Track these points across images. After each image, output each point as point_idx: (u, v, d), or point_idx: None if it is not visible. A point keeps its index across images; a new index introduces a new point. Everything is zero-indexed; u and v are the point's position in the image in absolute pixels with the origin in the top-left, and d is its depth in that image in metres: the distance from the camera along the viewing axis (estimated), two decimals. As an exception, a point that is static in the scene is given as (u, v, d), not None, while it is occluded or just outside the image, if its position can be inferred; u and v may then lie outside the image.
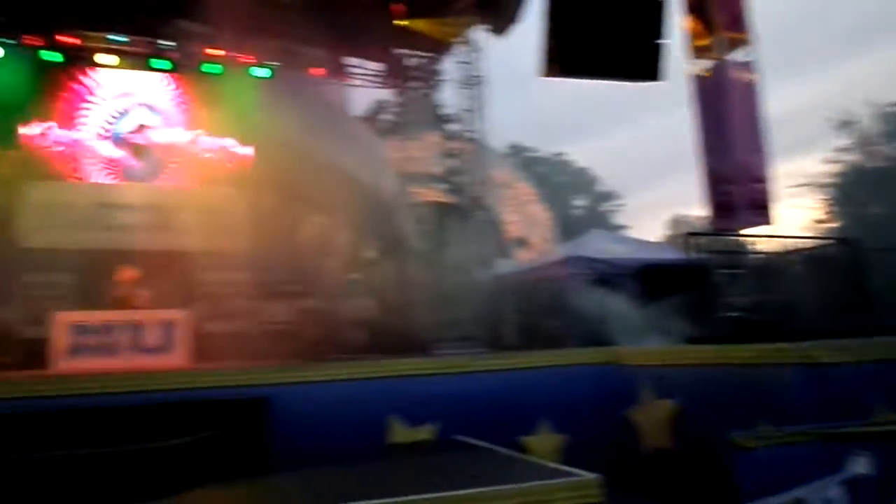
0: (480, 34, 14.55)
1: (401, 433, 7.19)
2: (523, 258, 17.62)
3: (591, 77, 11.65)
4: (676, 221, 37.00)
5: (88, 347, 10.89)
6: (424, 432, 7.30)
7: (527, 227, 20.42)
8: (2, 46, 13.70)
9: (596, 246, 13.19)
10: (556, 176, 34.21)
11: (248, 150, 15.34)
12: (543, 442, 7.68)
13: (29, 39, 14.09)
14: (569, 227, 23.92)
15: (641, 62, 11.31)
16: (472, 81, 14.58)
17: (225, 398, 7.08)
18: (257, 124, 15.39)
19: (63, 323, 11.05)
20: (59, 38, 14.10)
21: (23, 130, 14.25)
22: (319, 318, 13.28)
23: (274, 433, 6.83)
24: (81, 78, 14.75)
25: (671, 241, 28.06)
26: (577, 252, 12.98)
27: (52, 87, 14.53)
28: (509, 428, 7.47)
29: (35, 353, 11.93)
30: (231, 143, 15.36)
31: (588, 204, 37.79)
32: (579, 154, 39.61)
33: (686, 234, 14.01)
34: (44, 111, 14.52)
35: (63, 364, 10.69)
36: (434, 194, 16.34)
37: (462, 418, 7.50)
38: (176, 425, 6.57)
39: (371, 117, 19.23)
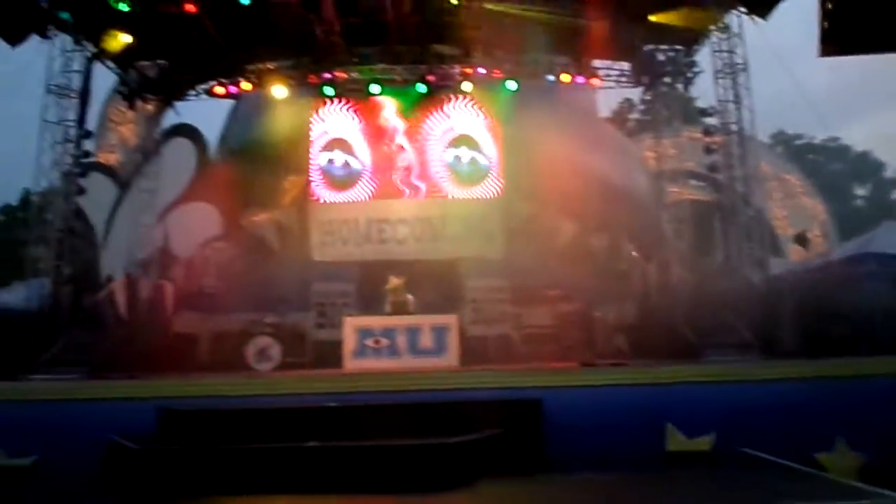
0: (737, 18, 13.62)
1: (678, 442, 6.96)
2: (798, 257, 16.04)
3: (872, 52, 10.31)
4: None
5: (371, 349, 12.12)
6: (702, 442, 7.00)
7: (800, 222, 18.55)
8: (285, 87, 15.71)
9: (891, 240, 11.54)
10: (831, 164, 30.55)
11: (504, 161, 15.88)
12: (840, 460, 6.93)
13: (312, 78, 16.03)
14: (850, 221, 21.24)
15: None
16: (731, 70, 13.67)
17: (501, 399, 7.44)
18: (511, 135, 15.95)
19: (351, 327, 12.41)
20: (335, 74, 15.86)
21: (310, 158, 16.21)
22: (580, 322, 13.33)
23: (547, 434, 7.02)
24: (353, 108, 16.41)
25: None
26: (869, 248, 11.46)
27: (331, 117, 16.37)
28: (798, 442, 6.86)
29: (325, 353, 13.61)
30: (489, 155, 16.02)
31: (871, 193, 33.22)
32: (857, 137, 35.06)
33: None
34: (322, 140, 16.42)
35: (351, 364, 12.04)
36: (694, 192, 15.57)
37: (742, 429, 7.06)
38: (454, 423, 7.03)
39: (621, 117, 18.87)
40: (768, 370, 7.98)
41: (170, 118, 17.59)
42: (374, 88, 15.75)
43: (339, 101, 16.40)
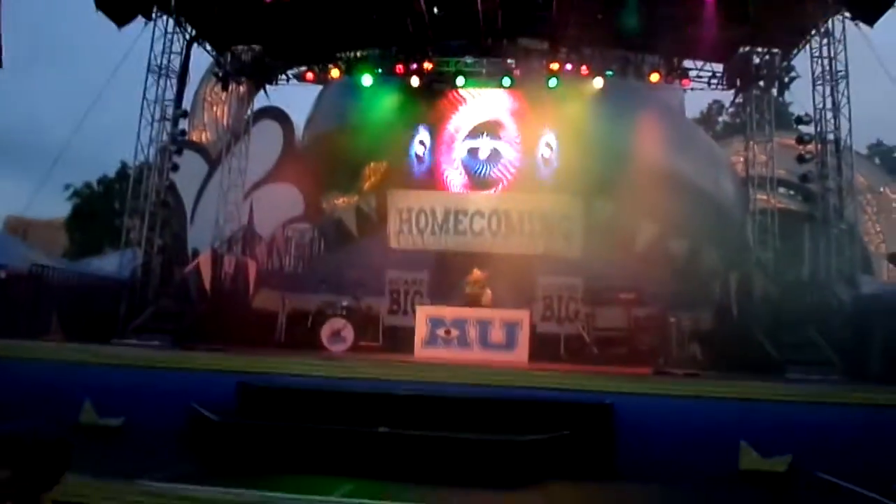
0: (841, 24, 13.00)
1: (752, 460, 6.77)
2: (891, 277, 15.25)
3: None
4: None
5: (442, 339, 12.25)
6: (778, 463, 6.79)
7: (895, 239, 17.61)
8: (372, 75, 15.95)
9: None
10: (931, 178, 28.89)
11: (586, 159, 15.64)
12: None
13: (399, 68, 16.20)
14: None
15: None
16: (831, 77, 13.06)
17: (572, 401, 7.41)
18: (594, 134, 15.72)
19: (423, 315, 12.57)
20: (422, 64, 15.99)
21: (394, 145, 16.41)
22: (654, 327, 13.08)
23: (618, 440, 6.97)
24: (439, 99, 16.51)
25: None
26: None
27: (414, 108, 16.52)
28: (880, 472, 6.54)
29: (397, 338, 13.85)
30: (570, 153, 15.84)
31: (976, 210, 31.17)
32: (963, 150, 32.69)
33: None
34: (409, 128, 16.62)
35: (422, 351, 12.21)
36: (783, 201, 15.00)
37: (821, 453, 6.82)
38: (523, 421, 7.06)
39: (709, 119, 18.30)
40: (853, 394, 7.66)
41: (260, 100, 18.18)
42: (460, 80, 15.79)
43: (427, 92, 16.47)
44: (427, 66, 15.95)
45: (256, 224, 16.74)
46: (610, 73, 15.48)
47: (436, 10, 14.24)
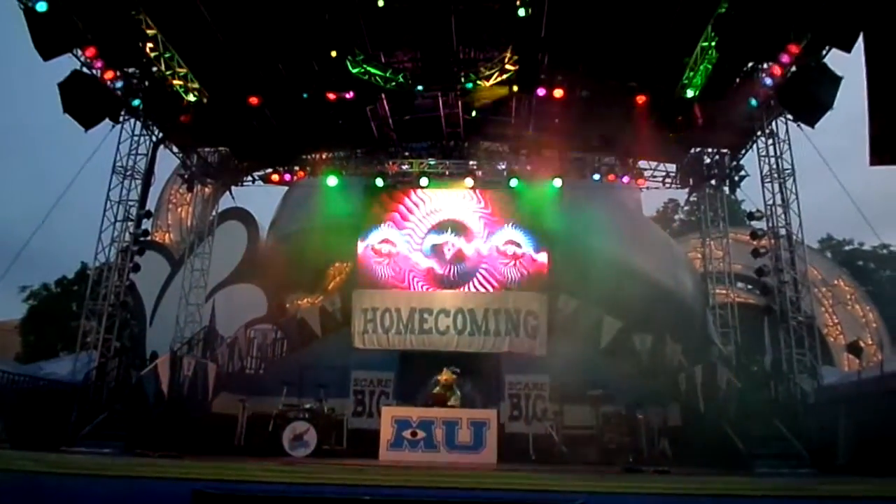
0: (784, 125, 13.74)
1: (727, 559, 6.59)
2: (852, 367, 15.46)
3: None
4: None
5: (408, 441, 11.94)
6: (753, 561, 6.60)
7: (853, 330, 18.00)
8: (337, 176, 16.20)
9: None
10: (881, 271, 29.85)
11: (547, 258, 15.87)
12: None
13: (364, 169, 16.53)
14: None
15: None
16: (778, 174, 13.68)
17: (542, 503, 7.18)
18: (555, 232, 16.05)
19: (389, 416, 12.28)
20: (387, 165, 16.36)
21: (358, 245, 16.45)
22: (622, 424, 12.94)
23: (589, 543, 6.72)
24: (402, 199, 16.72)
25: None
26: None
27: (378, 208, 16.70)
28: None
29: (361, 441, 13.42)
30: (532, 251, 16.05)
31: (928, 303, 32.14)
32: (911, 245, 34.12)
33: None
34: (370, 229, 16.72)
35: (387, 454, 11.84)
36: (741, 295, 15.32)
37: (793, 548, 6.68)
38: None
39: (666, 217, 18.90)
40: (822, 486, 7.57)
41: (225, 201, 18.30)
42: (423, 181, 16.13)
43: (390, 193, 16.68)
44: (391, 167, 16.36)
45: (218, 325, 16.47)
46: (568, 174, 15.97)
47: (405, 116, 14.75)
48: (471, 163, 16.55)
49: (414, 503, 7.27)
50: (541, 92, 13.14)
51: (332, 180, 16.17)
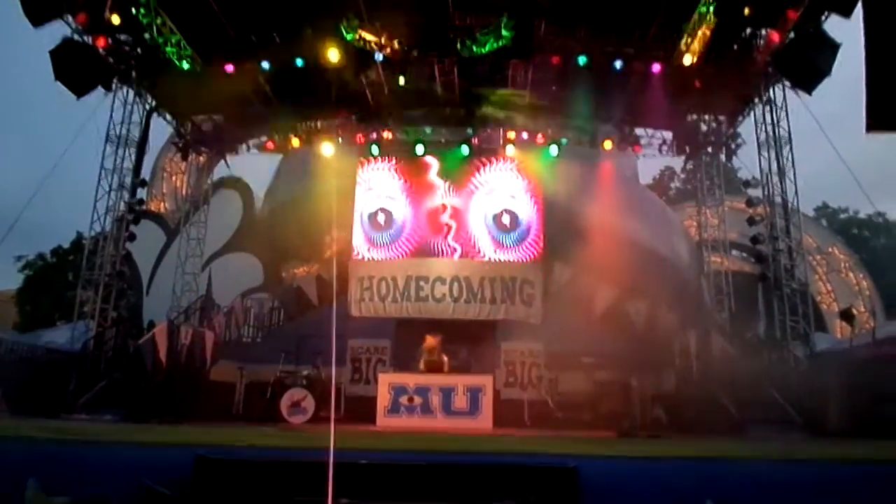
0: (782, 92, 13.68)
1: (720, 521, 6.70)
2: (844, 333, 15.62)
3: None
4: None
5: (405, 407, 12.05)
6: (746, 522, 6.72)
7: (845, 297, 18.15)
8: (333, 144, 16.08)
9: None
10: (876, 239, 29.96)
11: (545, 225, 15.85)
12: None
13: (359, 138, 16.40)
14: (896, 298, 20.64)
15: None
16: (775, 142, 13.65)
17: (536, 465, 7.28)
18: (551, 200, 16.02)
19: (385, 383, 12.38)
20: (382, 134, 16.23)
21: (353, 213, 16.38)
22: (617, 390, 13.05)
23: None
24: (397, 167, 16.63)
25: None
26: (917, 326, 11.19)
27: (376, 175, 16.62)
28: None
29: (359, 408, 13.54)
30: (527, 218, 16.02)
31: (922, 270, 32.30)
32: (906, 213, 34.18)
33: None
34: (366, 196, 16.61)
35: (384, 420, 11.97)
36: (736, 263, 15.40)
37: (784, 509, 6.79)
38: (488, 487, 6.90)
39: (662, 185, 18.89)
40: (814, 450, 7.71)
41: (220, 170, 18.19)
42: (419, 149, 16.03)
43: (384, 160, 16.63)
44: (387, 135, 16.24)
45: (215, 294, 16.53)
46: (565, 140, 15.91)
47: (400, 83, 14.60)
48: (467, 130, 16.44)
49: (410, 467, 7.37)
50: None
51: (326, 148, 16.05)
